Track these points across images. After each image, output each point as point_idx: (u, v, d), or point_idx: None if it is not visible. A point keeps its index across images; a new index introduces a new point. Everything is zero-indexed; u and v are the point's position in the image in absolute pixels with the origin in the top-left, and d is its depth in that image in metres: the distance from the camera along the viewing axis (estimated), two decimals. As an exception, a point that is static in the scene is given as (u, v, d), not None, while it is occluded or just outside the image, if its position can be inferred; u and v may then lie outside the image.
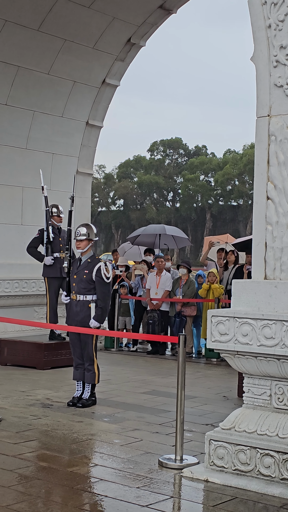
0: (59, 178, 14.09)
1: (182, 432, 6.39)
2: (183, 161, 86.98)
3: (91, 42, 13.74)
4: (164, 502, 5.36)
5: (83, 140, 14.68)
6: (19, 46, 12.75)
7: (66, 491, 5.55)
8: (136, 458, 6.49)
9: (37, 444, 6.89)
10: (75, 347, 8.85)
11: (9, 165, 13.37)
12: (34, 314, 13.59)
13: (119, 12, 13.57)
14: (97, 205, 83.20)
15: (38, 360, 11.51)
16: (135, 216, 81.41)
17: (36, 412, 8.28)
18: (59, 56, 13.43)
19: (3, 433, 7.22)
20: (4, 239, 13.29)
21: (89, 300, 8.75)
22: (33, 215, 13.53)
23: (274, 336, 5.56)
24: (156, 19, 14.31)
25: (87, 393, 8.78)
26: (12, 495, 5.37)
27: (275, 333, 5.56)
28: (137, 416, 8.21)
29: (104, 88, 14.62)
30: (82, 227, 8.92)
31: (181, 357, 6.44)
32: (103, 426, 7.71)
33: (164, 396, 9.49)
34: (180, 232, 18.21)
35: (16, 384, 10.10)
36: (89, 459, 6.49)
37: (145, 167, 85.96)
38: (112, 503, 5.30)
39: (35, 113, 13.59)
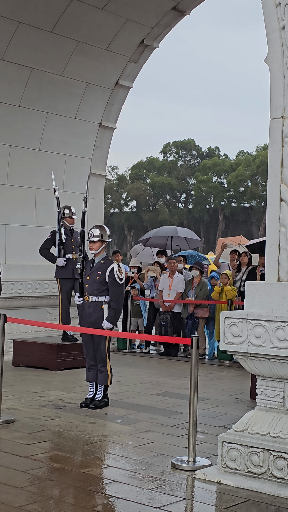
0: (72, 180, 14.11)
1: (195, 434, 6.38)
2: (196, 163, 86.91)
3: (104, 44, 13.76)
4: (177, 504, 5.35)
5: (96, 142, 14.70)
6: (32, 48, 12.78)
7: (78, 492, 5.55)
8: (149, 459, 6.49)
9: (49, 445, 6.90)
10: (88, 348, 8.86)
11: (23, 167, 13.40)
12: (47, 315, 13.61)
13: (133, 14, 13.58)
14: (109, 207, 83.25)
15: (50, 361, 11.53)
16: (148, 217, 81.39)
17: (48, 413, 8.30)
18: (72, 57, 13.45)
19: (16, 434, 7.24)
20: (17, 240, 13.33)
21: (102, 301, 8.75)
22: (46, 217, 13.55)
23: (287, 338, 5.55)
24: (170, 21, 14.31)
25: (100, 394, 8.79)
26: (25, 496, 5.38)
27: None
28: (150, 418, 8.21)
29: (117, 89, 14.63)
30: (95, 229, 8.93)
31: (194, 359, 6.44)
32: (115, 428, 7.71)
33: (177, 397, 9.49)
34: (192, 233, 18.22)
35: (29, 385, 10.13)
36: (102, 460, 6.49)
37: (158, 169, 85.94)
38: (124, 504, 5.30)
39: (48, 115, 13.62)
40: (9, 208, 13.23)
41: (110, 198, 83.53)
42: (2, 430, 7.43)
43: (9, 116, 12.97)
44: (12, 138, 13.16)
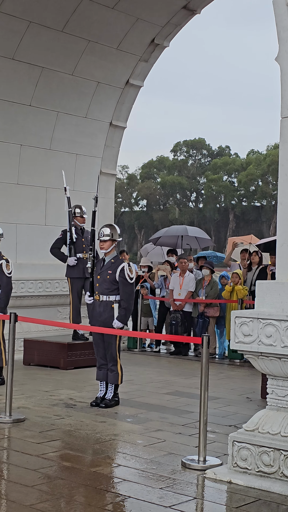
0: (83, 179, 14.12)
1: (205, 433, 6.38)
2: (206, 162, 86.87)
3: (115, 43, 13.76)
4: (187, 503, 5.35)
5: (106, 141, 14.70)
6: (43, 47, 12.80)
7: (89, 491, 5.56)
8: (159, 458, 6.49)
9: (60, 444, 6.91)
10: (98, 347, 8.87)
11: (33, 166, 13.42)
12: (58, 314, 13.63)
13: (143, 13, 13.58)
14: (120, 206, 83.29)
15: (61, 360, 11.55)
16: (158, 216, 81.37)
17: (59, 412, 8.31)
18: (83, 57, 13.46)
19: (26, 433, 7.25)
20: (28, 239, 13.35)
21: (112, 300, 8.76)
22: (56, 216, 13.57)
23: (298, 338, 5.53)
24: (180, 20, 14.30)
25: (110, 393, 8.79)
26: (36, 495, 5.39)
27: (299, 334, 5.52)
28: (160, 417, 8.21)
29: (127, 88, 14.63)
30: (105, 228, 8.93)
31: (205, 358, 6.43)
32: (126, 427, 7.71)
33: (187, 397, 9.48)
34: (202, 232, 18.20)
35: (40, 384, 10.14)
36: (112, 459, 6.49)
37: (168, 168, 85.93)
38: (135, 503, 5.30)
39: (59, 114, 13.63)
40: (20, 207, 13.25)
41: (121, 197, 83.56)
42: (13, 429, 7.45)
43: (19, 116, 13.00)
44: (23, 137, 13.18)
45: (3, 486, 5.63)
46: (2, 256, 10.12)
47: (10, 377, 7.84)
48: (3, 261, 10.02)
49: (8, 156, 13.01)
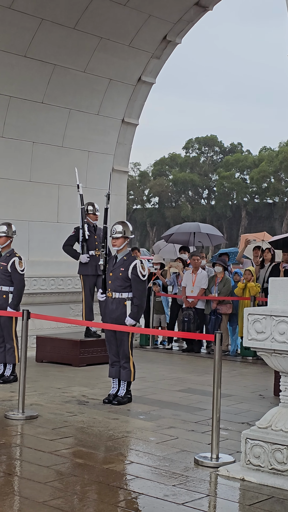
0: (95, 176, 14.13)
1: (218, 430, 6.36)
2: (218, 159, 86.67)
3: (127, 40, 13.75)
4: (200, 500, 5.34)
5: (118, 138, 14.70)
6: (55, 45, 12.81)
7: (102, 488, 5.56)
8: (172, 456, 6.49)
9: (73, 441, 6.92)
10: (110, 344, 8.87)
11: (45, 163, 13.44)
12: (70, 311, 13.65)
13: (155, 10, 13.56)
14: (132, 203, 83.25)
15: (73, 357, 11.56)
16: (170, 213, 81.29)
17: (72, 409, 8.32)
18: (95, 54, 13.46)
19: (39, 430, 7.27)
20: (40, 236, 13.37)
21: (124, 297, 8.75)
22: (69, 213, 13.58)
23: (311, 335, 5.51)
24: (192, 16, 14.27)
25: (123, 390, 8.79)
26: (49, 491, 5.40)
27: (313, 331, 5.50)
28: (173, 414, 8.21)
29: (139, 85, 14.62)
30: (118, 225, 8.93)
31: (217, 355, 6.42)
32: (138, 424, 7.71)
33: (200, 394, 9.48)
34: (215, 229, 18.15)
35: (52, 381, 10.16)
36: (125, 456, 6.50)
37: (180, 165, 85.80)
38: (148, 500, 5.30)
39: (71, 111, 13.64)
40: (32, 205, 13.27)
41: (133, 194, 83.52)
42: (25, 425, 7.46)
43: (32, 113, 13.01)
44: (35, 135, 13.20)
45: (16, 483, 5.64)
46: (15, 254, 10.14)
47: (23, 374, 7.85)
48: (15, 258, 10.03)
49: (21, 154, 13.03)
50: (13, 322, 9.99)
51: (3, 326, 9.99)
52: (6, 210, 12.56)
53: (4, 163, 12.76)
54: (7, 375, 9.98)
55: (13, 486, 5.56)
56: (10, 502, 5.15)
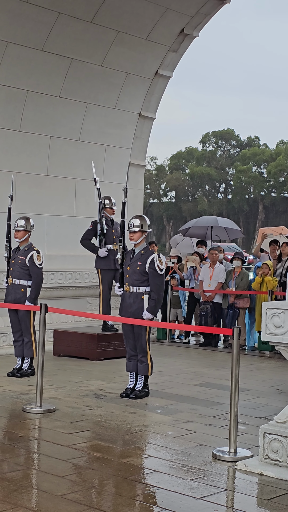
0: (112, 170, 14.12)
1: (236, 424, 6.35)
2: (235, 152, 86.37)
3: (144, 33, 13.71)
4: (218, 494, 5.33)
5: (136, 132, 14.68)
6: (72, 38, 12.80)
7: (119, 481, 5.56)
8: (190, 450, 6.48)
9: (90, 434, 6.93)
10: (128, 338, 8.87)
11: (63, 157, 13.45)
12: (87, 305, 13.67)
13: (172, 3, 13.51)
14: (148, 197, 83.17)
15: (91, 351, 11.58)
16: (187, 208, 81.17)
17: (89, 402, 8.33)
18: (112, 47, 13.44)
19: (57, 423, 7.28)
20: (57, 230, 13.39)
21: (142, 291, 8.74)
22: (86, 207, 13.59)
23: None
24: (210, 9, 14.20)
25: (140, 384, 8.80)
26: (67, 485, 5.41)
27: None
28: (190, 408, 8.20)
29: (157, 79, 14.58)
30: (135, 219, 8.91)
31: (235, 349, 6.40)
32: (156, 418, 7.71)
33: (217, 388, 9.46)
34: (233, 223, 18.11)
35: (70, 374, 10.18)
36: (143, 450, 6.50)
37: (197, 159, 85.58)
38: (166, 494, 5.30)
39: (88, 105, 13.63)
40: (50, 199, 13.29)
41: (149, 188, 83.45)
42: (43, 419, 7.48)
43: (49, 107, 13.02)
44: (52, 129, 13.20)
45: (34, 476, 5.66)
46: (33, 247, 10.17)
47: (40, 368, 7.87)
48: (34, 252, 10.06)
49: (38, 148, 13.04)
50: (31, 316, 10.02)
51: (21, 320, 10.03)
52: (24, 204, 12.59)
53: (21, 157, 12.78)
54: (25, 369, 10.01)
55: (31, 479, 5.57)
56: (28, 496, 5.16)
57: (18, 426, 7.17)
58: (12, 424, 7.33)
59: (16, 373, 9.94)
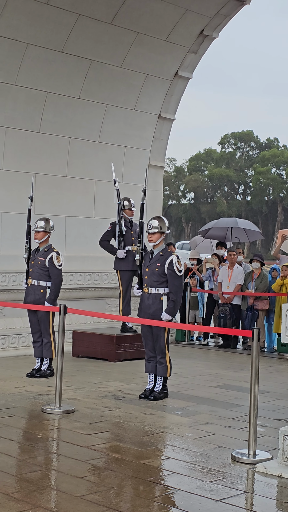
0: (131, 171, 14.12)
1: (255, 426, 6.33)
2: (254, 154, 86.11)
3: (163, 35, 13.71)
4: (237, 497, 5.32)
5: (155, 133, 14.67)
6: (92, 40, 12.82)
7: (138, 483, 5.56)
8: (209, 452, 6.46)
9: (109, 435, 6.93)
10: (147, 340, 8.86)
11: (82, 159, 13.47)
12: (106, 307, 13.68)
13: (192, 4, 13.50)
14: (167, 199, 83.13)
15: (110, 352, 11.58)
16: (206, 209, 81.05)
17: (108, 403, 8.33)
18: (131, 49, 13.44)
19: (76, 424, 7.29)
20: (77, 232, 13.41)
21: (161, 293, 8.74)
22: (105, 208, 13.60)
23: None
24: (229, 10, 14.17)
25: (159, 386, 8.79)
26: (86, 486, 5.41)
27: None
28: (209, 410, 8.18)
29: (176, 80, 14.57)
30: (154, 220, 8.91)
31: (255, 351, 6.38)
32: (175, 419, 7.70)
33: (236, 390, 9.43)
34: (252, 225, 18.03)
35: (89, 375, 10.19)
36: (161, 451, 6.49)
37: (216, 160, 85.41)
38: (184, 496, 5.28)
39: (107, 107, 13.65)
40: (69, 200, 13.32)
41: (168, 190, 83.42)
42: (62, 420, 7.50)
43: (69, 109, 13.05)
44: (72, 130, 13.23)
45: (53, 477, 5.66)
46: (53, 249, 10.19)
47: (59, 369, 7.88)
48: (53, 254, 10.09)
49: (58, 149, 13.08)
50: (50, 317, 10.05)
51: (41, 320, 10.05)
52: (44, 206, 12.62)
53: (41, 158, 12.82)
54: (44, 370, 10.04)
55: (50, 480, 5.58)
56: (47, 496, 5.17)
57: (37, 427, 7.19)
58: (31, 424, 7.35)
59: (35, 374, 9.97)
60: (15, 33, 11.77)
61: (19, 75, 12.13)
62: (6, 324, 12.04)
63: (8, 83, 12.07)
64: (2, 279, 11.98)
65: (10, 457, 6.12)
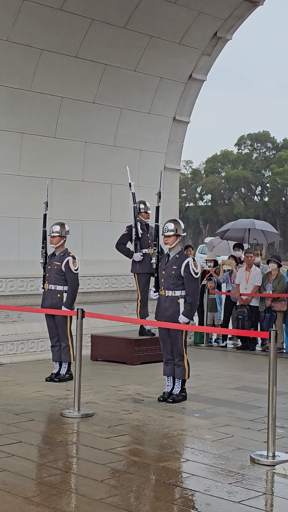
0: (147, 175, 14.14)
1: (274, 428, 6.32)
2: (271, 155, 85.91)
3: (177, 38, 13.73)
4: (256, 498, 5.31)
5: (170, 136, 14.69)
6: (106, 44, 12.86)
7: (158, 485, 5.57)
8: (228, 454, 6.46)
9: (128, 438, 6.94)
10: (165, 342, 8.87)
11: (98, 163, 13.51)
12: (124, 310, 13.69)
13: (205, 6, 13.51)
14: (184, 201, 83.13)
15: (128, 356, 11.60)
16: (223, 211, 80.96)
17: (127, 407, 8.35)
18: (145, 52, 13.47)
19: (95, 428, 7.31)
20: (93, 235, 13.45)
21: (178, 295, 8.74)
22: (121, 212, 13.63)
23: None
24: (243, 12, 14.16)
25: (178, 388, 8.79)
26: (105, 489, 5.43)
27: None
28: (228, 412, 8.17)
29: (190, 83, 14.58)
30: (169, 223, 8.93)
31: (273, 353, 6.37)
32: (194, 422, 7.70)
33: (255, 392, 9.42)
34: (270, 226, 17.98)
35: (107, 379, 10.21)
36: (180, 454, 6.49)
37: (233, 162, 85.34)
38: (204, 498, 5.29)
39: (122, 110, 13.68)
40: (85, 204, 13.36)
41: (185, 192, 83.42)
42: (81, 423, 7.52)
43: (84, 113, 13.09)
44: (87, 134, 13.27)
45: (73, 480, 5.69)
46: (69, 253, 10.23)
47: (78, 373, 7.91)
48: (69, 258, 10.13)
49: (73, 154, 13.12)
50: (68, 321, 10.08)
51: (58, 325, 10.09)
52: (60, 210, 12.67)
53: (57, 163, 12.87)
54: (63, 374, 10.07)
55: (70, 483, 5.60)
56: (67, 500, 5.19)
57: (56, 431, 7.22)
58: (50, 428, 7.38)
59: (54, 378, 10.00)
60: (29, 39, 11.84)
61: (34, 81, 12.19)
62: (25, 329, 12.09)
63: (23, 89, 12.14)
64: (20, 284, 12.03)
65: (30, 461, 6.15)
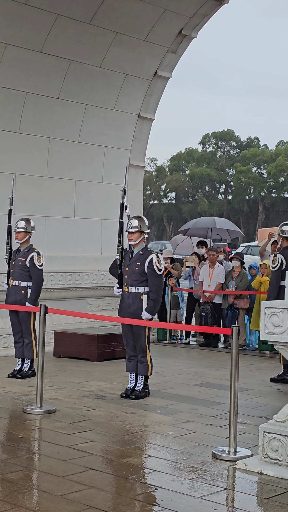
0: (112, 171, 14.13)
1: (235, 424, 6.37)
2: (235, 153, 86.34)
3: (142, 35, 13.73)
4: (218, 494, 5.35)
5: (135, 133, 14.69)
6: (71, 40, 12.81)
7: (120, 481, 5.58)
8: (190, 449, 6.49)
9: (91, 435, 6.94)
10: (127, 339, 8.89)
11: (62, 159, 13.46)
12: (87, 307, 13.68)
13: (170, 4, 13.53)
14: (148, 198, 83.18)
15: (91, 352, 11.59)
16: (187, 209, 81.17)
17: (89, 403, 8.34)
18: (110, 49, 13.45)
19: (57, 424, 7.30)
20: (57, 232, 13.40)
21: (141, 292, 8.76)
22: (85, 208, 13.60)
23: None
24: (208, 10, 14.21)
25: (140, 385, 8.81)
26: (67, 485, 5.42)
27: None
28: (190, 408, 8.21)
29: (155, 80, 14.59)
30: (134, 220, 8.94)
31: (235, 349, 6.42)
32: (156, 418, 7.73)
33: (217, 388, 9.48)
34: (231, 224, 18.10)
35: (70, 375, 10.20)
36: (143, 450, 6.51)
37: (197, 160, 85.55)
38: (165, 494, 5.31)
39: (87, 107, 13.64)
40: (49, 200, 13.30)
41: (149, 189, 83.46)
42: (43, 420, 7.50)
43: (48, 109, 13.03)
44: (52, 130, 13.22)
45: (34, 477, 5.67)
46: (34, 249, 10.18)
47: (40, 369, 7.89)
48: (34, 254, 10.08)
49: (37, 149, 13.06)
50: (32, 317, 10.04)
51: (22, 321, 10.04)
52: (24, 206, 12.60)
53: (21, 159, 12.79)
54: (25, 370, 10.03)
55: (31, 479, 5.59)
56: (29, 496, 5.18)
57: (18, 427, 7.19)
58: (12, 425, 7.35)
59: (16, 375, 9.95)
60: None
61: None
62: (-13, 325, 12.00)
63: (-13, 84, 12.03)
64: (-17, 280, 11.94)
65: (-9, 457, 6.11)
